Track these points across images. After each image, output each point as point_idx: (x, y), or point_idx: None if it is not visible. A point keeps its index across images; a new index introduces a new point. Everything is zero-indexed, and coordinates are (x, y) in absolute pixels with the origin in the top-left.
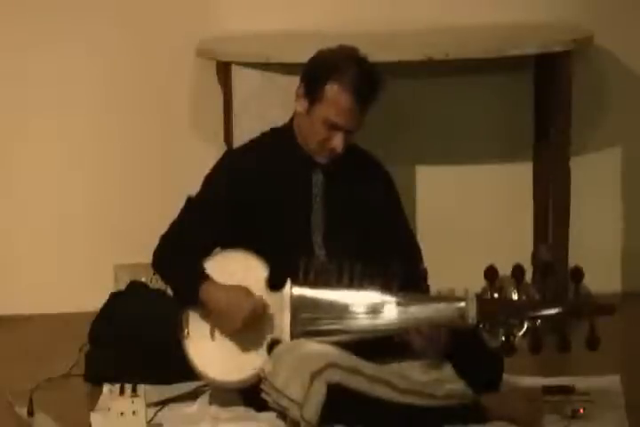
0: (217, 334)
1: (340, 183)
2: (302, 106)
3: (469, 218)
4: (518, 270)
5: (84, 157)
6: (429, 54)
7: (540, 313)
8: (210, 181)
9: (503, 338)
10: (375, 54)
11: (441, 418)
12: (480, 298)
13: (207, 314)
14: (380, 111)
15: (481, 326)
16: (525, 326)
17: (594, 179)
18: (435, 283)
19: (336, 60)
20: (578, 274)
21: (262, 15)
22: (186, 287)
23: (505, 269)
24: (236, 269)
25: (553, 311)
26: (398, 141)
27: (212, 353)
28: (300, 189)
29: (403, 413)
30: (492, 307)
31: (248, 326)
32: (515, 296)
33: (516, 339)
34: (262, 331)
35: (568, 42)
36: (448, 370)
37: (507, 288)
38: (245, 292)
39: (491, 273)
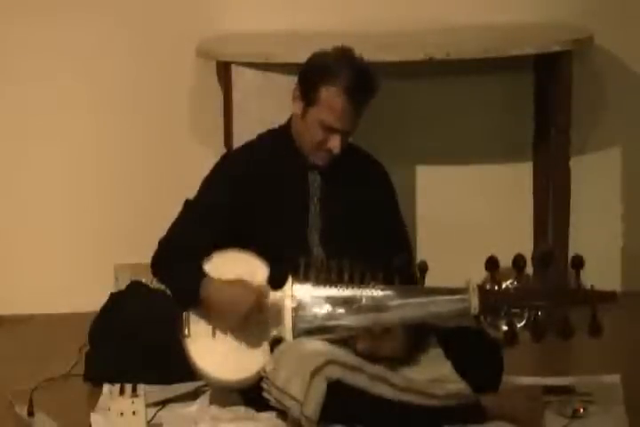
0: (218, 333)
1: (337, 184)
2: (298, 108)
3: (469, 218)
4: (520, 260)
5: (84, 157)
6: (430, 54)
7: (541, 302)
8: (208, 183)
9: (505, 328)
10: (375, 54)
11: (441, 418)
12: (481, 288)
13: (209, 313)
14: (380, 111)
15: (482, 317)
16: (526, 317)
17: (594, 179)
18: (434, 283)
19: (331, 62)
20: (578, 262)
21: (262, 15)
22: (186, 288)
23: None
24: (237, 269)
25: (554, 300)
26: (398, 141)
27: (213, 353)
28: (297, 190)
29: (403, 412)
30: (494, 297)
31: (251, 320)
32: (516, 286)
33: (517, 329)
34: (264, 330)
35: (568, 42)
36: (448, 370)
37: (508, 278)
38: (244, 284)
39: (491, 263)
